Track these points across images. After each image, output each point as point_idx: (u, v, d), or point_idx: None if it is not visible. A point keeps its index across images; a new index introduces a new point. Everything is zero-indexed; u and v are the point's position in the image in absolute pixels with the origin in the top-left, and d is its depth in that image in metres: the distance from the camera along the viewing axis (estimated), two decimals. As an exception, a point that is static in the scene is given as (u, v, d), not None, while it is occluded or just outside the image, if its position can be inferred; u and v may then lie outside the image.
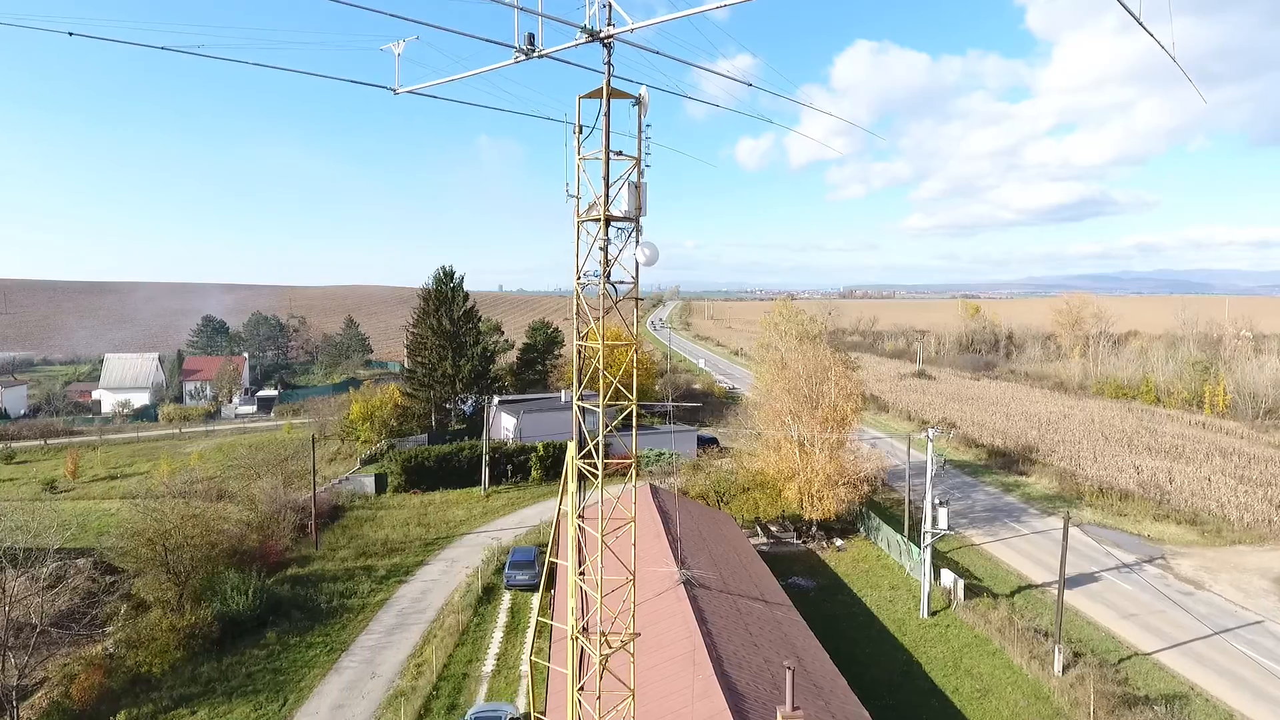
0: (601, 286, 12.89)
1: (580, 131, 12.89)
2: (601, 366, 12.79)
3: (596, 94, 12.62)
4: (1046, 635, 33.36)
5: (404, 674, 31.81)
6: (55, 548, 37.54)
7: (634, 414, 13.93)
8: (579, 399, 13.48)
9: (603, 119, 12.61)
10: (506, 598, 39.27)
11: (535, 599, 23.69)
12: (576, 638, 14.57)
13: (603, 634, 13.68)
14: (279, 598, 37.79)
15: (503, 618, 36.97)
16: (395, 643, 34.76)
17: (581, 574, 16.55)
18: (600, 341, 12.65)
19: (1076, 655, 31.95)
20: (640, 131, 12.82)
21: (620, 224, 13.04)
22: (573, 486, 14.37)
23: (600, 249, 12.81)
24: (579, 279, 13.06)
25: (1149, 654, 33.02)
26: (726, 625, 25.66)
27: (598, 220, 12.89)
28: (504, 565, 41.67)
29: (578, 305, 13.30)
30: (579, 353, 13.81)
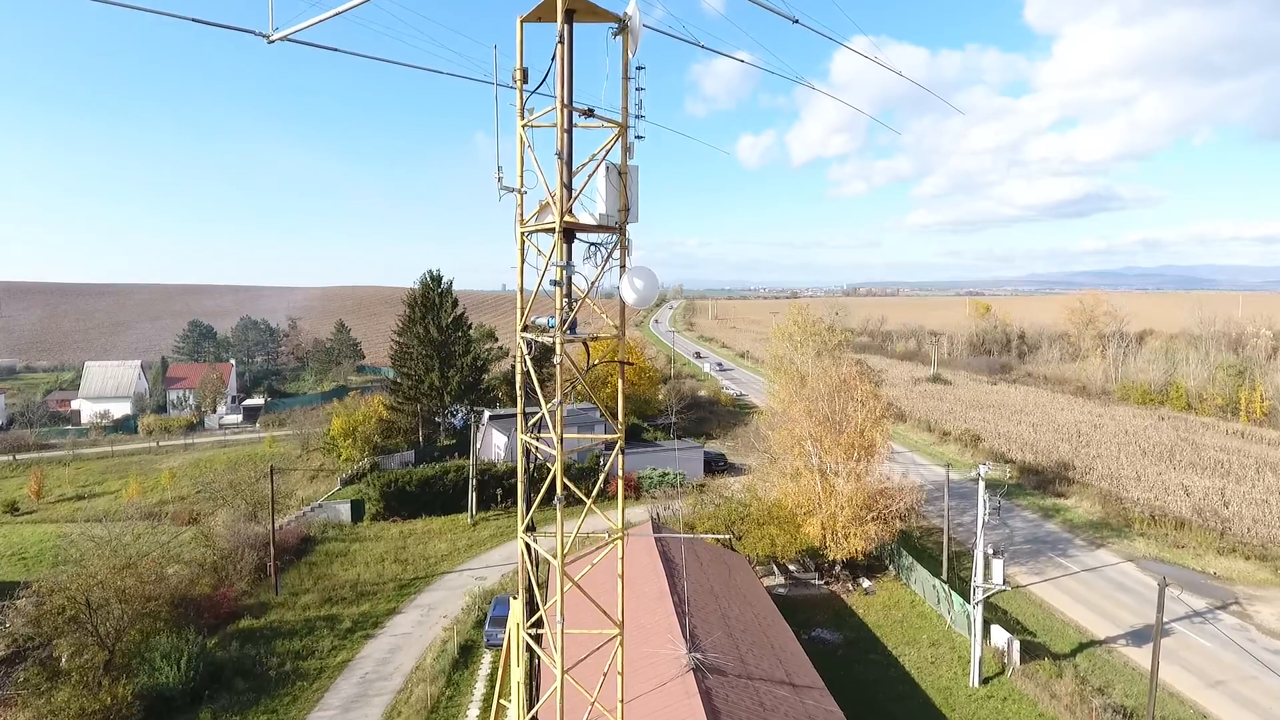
0: (559, 342, 7.42)
1: (524, 79, 7.36)
2: (561, 484, 7.37)
3: (548, 10, 7.12)
4: (1128, 717, 27.86)
5: (357, 768, 26.49)
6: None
7: (622, 543, 8.52)
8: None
9: (558, 52, 7.07)
10: (486, 659, 33.86)
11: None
12: None
13: None
14: (220, 664, 32.33)
15: (480, 687, 31.58)
16: (352, 722, 29.42)
17: (538, 638, 11.33)
18: (559, 452, 7.21)
19: (1167, 744, 26.54)
20: (626, 77, 7.28)
21: (591, 237, 7.50)
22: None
23: (554, 283, 7.30)
24: (523, 330, 7.61)
25: (1251, 739, 27.57)
26: (748, 735, 20.26)
27: (551, 231, 7.37)
28: (485, 618, 36.38)
29: (522, 373, 7.87)
30: (526, 454, 8.34)
